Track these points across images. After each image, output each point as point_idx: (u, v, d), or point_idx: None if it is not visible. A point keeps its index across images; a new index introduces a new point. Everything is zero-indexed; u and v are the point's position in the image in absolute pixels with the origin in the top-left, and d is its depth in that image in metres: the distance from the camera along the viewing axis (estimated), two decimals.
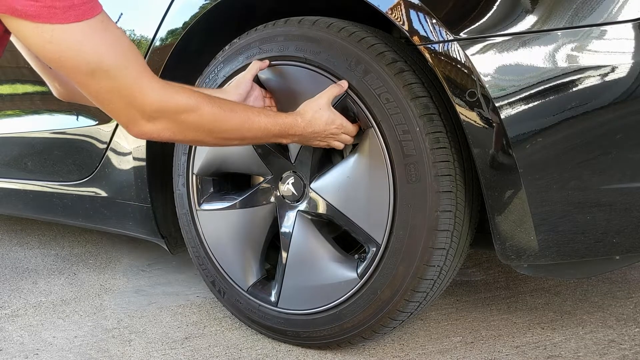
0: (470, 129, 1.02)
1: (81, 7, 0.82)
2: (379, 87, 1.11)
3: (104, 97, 0.91)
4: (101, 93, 0.90)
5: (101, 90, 0.89)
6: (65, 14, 0.81)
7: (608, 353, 1.26)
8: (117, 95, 0.90)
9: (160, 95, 0.93)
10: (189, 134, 1.01)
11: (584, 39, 0.94)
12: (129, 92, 0.90)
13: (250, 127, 1.06)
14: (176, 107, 0.95)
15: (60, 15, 0.81)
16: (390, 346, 1.32)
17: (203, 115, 0.99)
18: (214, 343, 1.36)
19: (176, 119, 0.96)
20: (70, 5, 0.81)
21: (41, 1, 0.79)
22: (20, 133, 1.77)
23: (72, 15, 0.82)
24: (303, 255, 1.27)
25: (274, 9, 1.37)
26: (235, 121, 1.04)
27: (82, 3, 0.82)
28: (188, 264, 1.91)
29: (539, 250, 1.05)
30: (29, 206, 1.86)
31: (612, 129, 0.96)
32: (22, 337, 1.41)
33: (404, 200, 1.11)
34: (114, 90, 0.89)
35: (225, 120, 1.02)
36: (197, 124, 0.99)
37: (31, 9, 0.79)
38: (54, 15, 0.80)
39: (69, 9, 0.81)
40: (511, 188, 1.02)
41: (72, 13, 0.82)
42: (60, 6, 0.80)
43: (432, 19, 1.02)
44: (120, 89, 0.89)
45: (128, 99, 0.91)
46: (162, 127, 0.96)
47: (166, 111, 0.94)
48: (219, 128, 1.03)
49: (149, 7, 1.46)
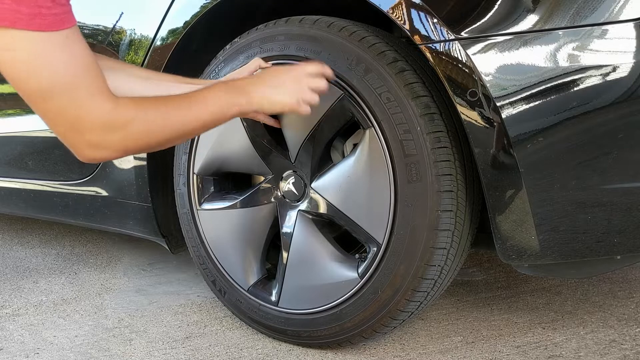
0: (471, 129, 1.02)
1: (48, 18, 0.78)
2: (380, 86, 1.11)
3: (50, 117, 0.86)
4: (48, 113, 0.85)
5: (48, 110, 0.85)
6: (30, 21, 0.77)
7: (609, 353, 1.26)
8: (62, 118, 0.85)
9: (111, 112, 0.87)
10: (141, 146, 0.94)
11: (585, 38, 0.94)
12: (75, 116, 0.85)
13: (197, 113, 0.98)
14: (125, 121, 0.88)
15: (25, 22, 0.77)
16: (391, 346, 1.32)
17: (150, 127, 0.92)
18: (215, 342, 1.36)
19: (127, 137, 0.90)
20: (37, 13, 0.77)
21: (6, 3, 0.76)
22: (21, 132, 1.77)
23: (36, 24, 0.78)
24: (304, 255, 1.27)
25: (274, 8, 1.37)
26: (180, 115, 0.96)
27: (49, 14, 0.79)
28: (189, 264, 1.91)
29: (540, 250, 1.05)
30: (30, 205, 1.86)
31: (613, 129, 0.96)
32: (22, 336, 1.41)
33: (404, 200, 1.11)
34: (60, 112, 0.84)
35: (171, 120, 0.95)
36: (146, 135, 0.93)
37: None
38: (18, 20, 0.77)
39: (35, 17, 0.77)
40: (512, 188, 1.01)
41: (37, 22, 0.78)
42: (26, 12, 0.77)
43: (433, 18, 1.02)
44: (67, 112, 0.84)
45: (74, 124, 0.86)
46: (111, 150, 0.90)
47: (114, 123, 0.88)
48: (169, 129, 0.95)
49: (150, 6, 1.46)
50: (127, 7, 1.51)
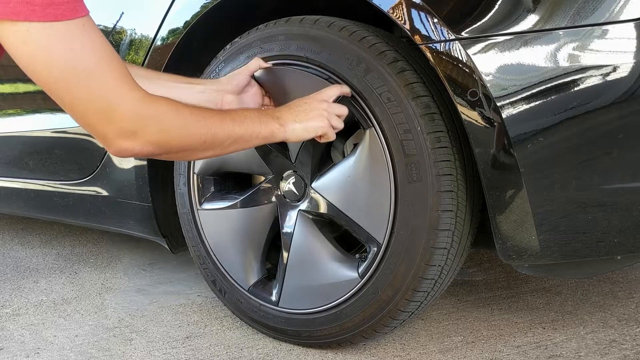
0: (471, 129, 1.02)
1: (61, 7, 0.78)
2: (380, 86, 1.11)
3: (79, 110, 0.84)
4: (75, 106, 0.84)
5: (75, 102, 0.83)
6: (43, 12, 0.77)
7: (609, 353, 1.26)
8: (91, 109, 0.84)
9: (138, 108, 0.86)
10: (173, 145, 0.92)
11: (586, 38, 0.94)
12: (104, 105, 0.84)
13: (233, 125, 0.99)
14: (156, 113, 0.88)
15: (39, 13, 0.77)
16: (391, 345, 1.32)
17: (184, 123, 0.92)
18: (215, 342, 1.36)
19: (157, 130, 0.89)
20: (50, 3, 0.77)
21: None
22: (21, 132, 1.77)
23: (50, 14, 0.78)
24: (304, 255, 1.27)
25: (275, 7, 1.37)
26: (214, 121, 0.97)
27: (62, 2, 0.78)
28: (189, 264, 1.91)
29: (540, 250, 1.05)
30: (31, 205, 1.86)
31: (613, 129, 0.96)
32: (23, 336, 1.41)
33: (405, 200, 1.11)
34: (88, 102, 0.83)
35: (205, 124, 0.95)
36: (179, 133, 0.92)
37: (9, 6, 0.76)
38: (31, 13, 0.77)
39: (47, 7, 0.77)
40: (512, 188, 1.01)
41: (51, 12, 0.78)
42: (38, 3, 0.77)
43: (433, 18, 1.02)
44: (95, 102, 0.83)
45: (104, 113, 0.84)
46: (144, 141, 0.88)
47: (146, 125, 0.87)
48: (202, 133, 0.95)
49: (150, 6, 1.46)
50: (127, 7, 1.51)
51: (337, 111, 1.12)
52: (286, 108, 1.11)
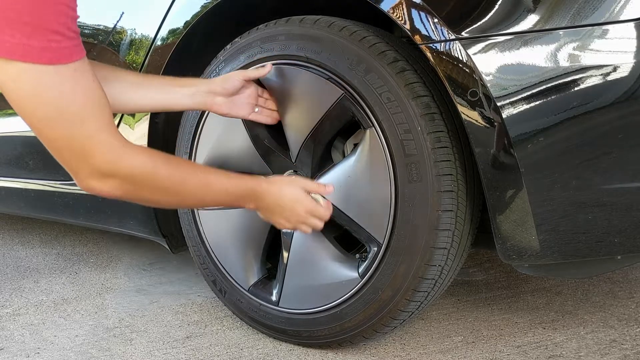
0: (471, 129, 1.02)
1: (57, 51, 0.78)
2: (380, 86, 1.11)
3: (55, 146, 0.87)
4: (53, 142, 0.86)
5: (53, 139, 0.85)
6: (39, 54, 0.77)
7: (609, 353, 1.26)
8: (68, 147, 0.86)
9: (113, 156, 0.88)
10: (143, 195, 0.96)
11: (586, 38, 0.94)
12: (81, 147, 0.86)
13: (209, 189, 1.04)
14: (130, 170, 0.90)
15: (35, 55, 0.77)
16: (391, 345, 1.32)
17: (157, 179, 0.95)
18: (215, 342, 1.37)
19: (129, 180, 0.91)
20: (47, 47, 0.77)
21: (17, 37, 0.76)
22: (21, 132, 1.77)
23: (45, 57, 0.78)
24: (304, 255, 1.27)
25: (275, 7, 1.37)
26: (193, 183, 1.00)
27: (60, 47, 0.78)
28: (189, 263, 1.91)
29: (540, 250, 1.05)
30: (31, 205, 1.86)
31: (613, 129, 0.96)
32: (23, 336, 1.41)
33: (405, 200, 1.11)
34: (66, 141, 0.85)
35: (182, 182, 0.98)
36: (151, 186, 0.95)
37: (6, 45, 0.75)
38: (27, 54, 0.76)
39: (44, 50, 0.77)
40: (512, 188, 1.01)
41: (47, 55, 0.78)
42: (36, 46, 0.76)
43: (433, 18, 1.02)
44: (73, 142, 0.85)
45: (79, 154, 0.87)
46: (113, 186, 0.91)
47: (118, 172, 0.90)
48: (175, 190, 0.98)
49: (151, 6, 1.46)
50: (127, 7, 1.51)
51: (318, 215, 1.15)
52: (268, 194, 1.11)
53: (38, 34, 0.76)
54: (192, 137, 1.37)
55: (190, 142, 1.38)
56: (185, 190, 1.00)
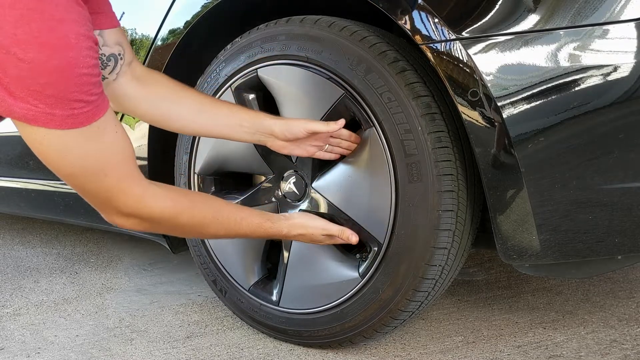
0: (472, 129, 1.02)
1: (80, 116, 0.80)
2: (381, 86, 1.11)
3: (80, 192, 0.91)
4: (78, 190, 0.90)
5: (80, 188, 0.90)
6: (62, 122, 0.79)
7: (610, 353, 1.26)
8: (93, 195, 0.91)
9: (134, 203, 0.93)
10: (164, 231, 1.07)
11: (586, 38, 0.94)
12: (104, 195, 0.91)
13: (231, 234, 1.09)
14: (150, 214, 0.95)
15: (58, 122, 0.78)
16: (391, 345, 1.32)
17: (178, 223, 1.00)
18: (216, 342, 1.37)
19: (149, 221, 0.97)
20: (70, 114, 0.79)
21: (41, 107, 0.77)
22: None
23: (68, 123, 0.79)
24: (304, 255, 1.27)
25: (275, 7, 1.37)
26: (214, 229, 1.06)
27: (82, 112, 0.80)
28: (189, 263, 1.91)
29: (541, 250, 1.05)
30: (31, 205, 1.86)
31: (614, 129, 0.95)
32: (23, 336, 1.41)
33: (405, 200, 1.11)
34: (90, 191, 0.90)
35: (201, 227, 1.05)
36: (171, 227, 1.02)
37: (29, 113, 0.77)
38: (50, 122, 0.78)
39: (67, 117, 0.79)
40: (513, 187, 1.01)
41: (70, 121, 0.79)
42: (59, 114, 0.78)
43: (434, 18, 1.02)
44: (97, 192, 0.90)
45: (103, 201, 0.92)
46: (135, 224, 0.96)
47: (139, 215, 0.95)
48: (196, 232, 1.08)
49: (151, 6, 1.46)
50: (128, 7, 1.51)
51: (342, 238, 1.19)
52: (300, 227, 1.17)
53: (61, 104, 0.77)
54: (192, 137, 1.37)
55: (190, 142, 1.38)
56: (206, 233, 1.09)
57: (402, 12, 1.06)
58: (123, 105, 1.15)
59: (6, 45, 0.72)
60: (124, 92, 1.12)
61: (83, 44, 0.76)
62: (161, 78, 1.17)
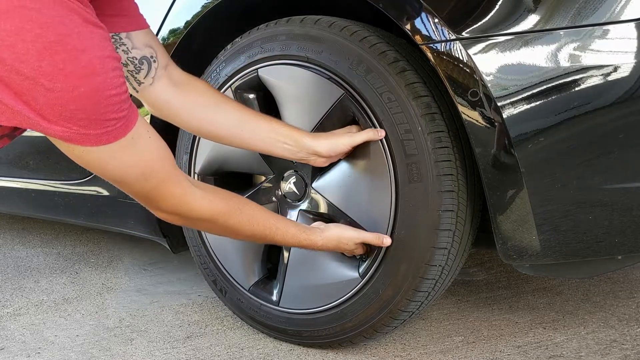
0: (472, 129, 1.02)
1: (113, 132, 0.81)
2: (381, 86, 1.11)
3: (129, 193, 0.94)
4: (127, 192, 0.94)
5: (127, 191, 0.94)
6: (98, 139, 0.80)
7: (610, 353, 1.26)
8: (139, 195, 0.95)
9: (175, 203, 0.97)
10: (202, 229, 1.21)
11: (587, 38, 0.94)
12: (146, 196, 0.95)
13: (264, 237, 1.11)
14: (188, 214, 1.00)
15: (93, 140, 0.80)
16: (391, 345, 1.32)
17: (214, 225, 1.05)
18: (216, 342, 1.37)
19: (188, 219, 1.02)
20: (104, 132, 0.80)
21: (74, 129, 0.77)
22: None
23: (103, 140, 0.81)
24: (304, 255, 1.27)
25: (275, 7, 1.37)
26: (247, 234, 1.09)
27: (115, 129, 0.81)
28: (189, 263, 1.91)
29: (541, 250, 1.05)
30: (31, 205, 1.86)
31: (614, 129, 0.95)
32: (24, 336, 1.41)
33: (405, 200, 1.11)
34: (137, 192, 0.94)
35: (236, 233, 1.09)
36: (207, 229, 1.13)
37: (65, 135, 0.78)
38: (86, 140, 0.79)
39: (102, 135, 0.80)
40: (513, 188, 1.01)
41: (105, 138, 0.81)
42: (93, 134, 0.79)
43: (434, 18, 1.02)
44: (139, 194, 0.94)
45: (146, 201, 0.96)
46: (175, 219, 1.02)
47: (179, 214, 1.00)
48: (230, 234, 1.11)
49: (151, 6, 1.46)
50: None
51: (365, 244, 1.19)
52: (335, 240, 1.16)
53: (94, 125, 0.78)
54: (192, 136, 1.38)
55: (190, 142, 1.38)
56: (241, 237, 1.12)
57: (402, 12, 1.06)
58: (162, 112, 1.16)
59: (33, 76, 0.72)
60: (163, 98, 1.12)
61: (108, 66, 0.77)
62: (201, 85, 1.17)
